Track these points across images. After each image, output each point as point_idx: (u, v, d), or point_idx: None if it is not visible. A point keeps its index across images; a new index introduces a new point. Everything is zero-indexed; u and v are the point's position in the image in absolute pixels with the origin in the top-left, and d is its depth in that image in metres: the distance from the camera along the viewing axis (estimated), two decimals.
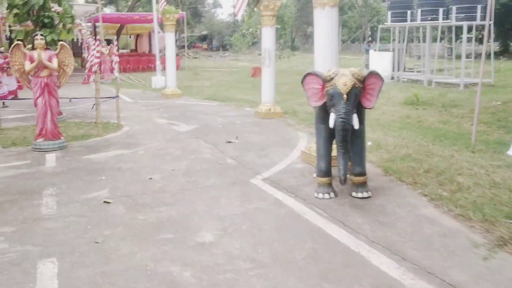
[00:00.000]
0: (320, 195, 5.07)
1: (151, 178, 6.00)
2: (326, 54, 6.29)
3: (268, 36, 10.56)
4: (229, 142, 8.12)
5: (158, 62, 18.85)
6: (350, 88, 4.66)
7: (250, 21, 21.19)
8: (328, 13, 6.26)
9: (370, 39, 45.95)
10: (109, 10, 41.06)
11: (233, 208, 4.86)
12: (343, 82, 4.65)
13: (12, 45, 7.54)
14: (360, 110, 4.96)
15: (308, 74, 5.15)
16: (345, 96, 4.65)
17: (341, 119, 4.68)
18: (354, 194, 5.07)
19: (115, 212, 4.81)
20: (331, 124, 4.79)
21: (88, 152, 7.46)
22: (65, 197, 5.30)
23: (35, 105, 7.60)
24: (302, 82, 5.20)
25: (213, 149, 7.66)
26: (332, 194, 5.08)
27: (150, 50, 33.44)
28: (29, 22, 8.99)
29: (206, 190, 5.52)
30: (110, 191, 5.51)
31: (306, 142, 8.02)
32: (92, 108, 9.08)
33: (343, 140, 4.74)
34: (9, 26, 13.74)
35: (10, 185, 5.77)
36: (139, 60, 26.68)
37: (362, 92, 4.87)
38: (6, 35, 18.82)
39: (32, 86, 7.58)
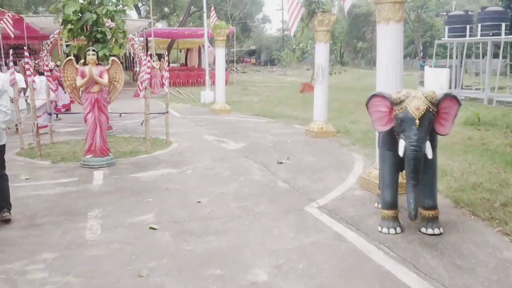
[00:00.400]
0: (385, 230, 4.55)
1: (199, 202, 5.67)
2: (390, 74, 5.79)
3: (321, 52, 10.15)
4: (280, 163, 7.71)
5: (207, 77, 18.81)
6: (423, 112, 4.15)
7: (301, 36, 20.82)
8: (393, 28, 5.78)
9: (422, 54, 44.58)
10: (160, 25, 41.95)
11: (287, 241, 4.43)
12: (416, 105, 4.15)
13: (65, 60, 7.51)
14: (433, 136, 4.42)
15: (374, 95, 4.67)
16: (417, 121, 4.15)
17: (412, 147, 4.17)
18: (423, 230, 4.52)
19: (161, 240, 4.49)
20: (401, 152, 4.29)
21: (135, 170, 7.26)
22: (110, 220, 5.05)
23: (85, 120, 7.51)
24: (366, 104, 4.72)
25: (264, 170, 7.28)
26: (398, 229, 4.55)
27: (199, 64, 33.88)
28: (83, 37, 9.01)
29: (257, 218, 5.12)
30: (156, 215, 5.21)
31: (363, 165, 7.50)
32: (141, 124, 8.93)
33: (414, 170, 4.22)
34: (66, 41, 14.04)
35: (56, 204, 5.60)
36: (189, 75, 26.89)
37: (435, 116, 4.34)
38: (63, 50, 19.40)
39: (83, 101, 7.51)
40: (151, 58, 21.76)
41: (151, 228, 4.77)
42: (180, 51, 41.00)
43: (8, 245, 4.37)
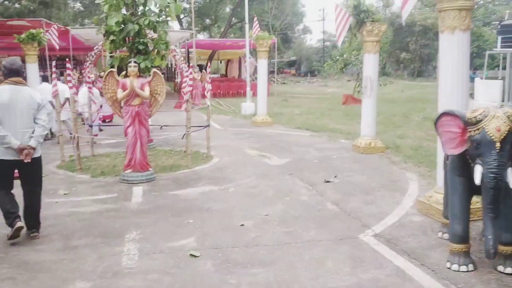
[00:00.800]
0: (455, 267, 3.99)
1: (242, 225, 5.26)
2: (455, 88, 5.23)
3: (370, 63, 9.61)
4: (328, 181, 7.22)
5: (248, 88, 18.53)
6: (505, 134, 3.59)
7: (349, 47, 20.21)
8: (459, 38, 5.23)
9: (472, 65, 42.93)
10: (201, 36, 42.27)
11: (343, 277, 3.94)
12: (496, 126, 3.59)
13: (106, 72, 7.32)
14: None
15: (444, 114, 4.12)
16: (498, 144, 3.59)
17: (492, 175, 3.61)
18: (501, 268, 3.92)
19: (203, 270, 4.09)
20: (477, 179, 3.73)
21: (176, 186, 6.95)
22: (148, 244, 4.71)
23: (125, 134, 7.28)
24: (435, 123, 4.19)
25: (310, 189, 6.81)
26: (470, 266, 3.98)
27: (239, 75, 33.75)
28: (125, 48, 8.85)
29: (307, 246, 4.65)
30: (197, 239, 4.84)
31: (418, 186, 6.91)
32: (182, 138, 8.66)
33: (493, 201, 3.66)
34: (110, 52, 14.06)
35: (93, 224, 5.33)
36: (229, 86, 26.76)
37: None
38: (107, 61, 19.60)
39: (123, 114, 7.28)
40: (192, 69, 21.81)
41: (192, 255, 4.39)
42: (220, 62, 41.12)
43: (41, 271, 4.09)
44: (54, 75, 8.52)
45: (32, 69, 12.91)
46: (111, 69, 7.23)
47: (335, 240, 4.82)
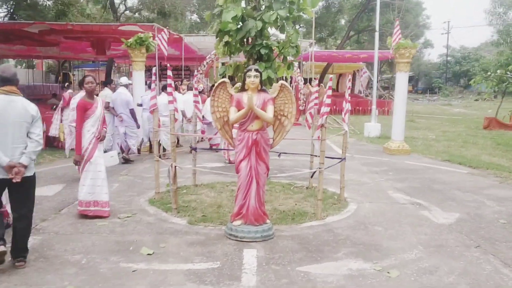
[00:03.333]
0: None
1: None
2: None
3: None
4: None
5: (374, 107, 15.87)
6: None
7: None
8: None
9: None
10: (315, 48, 40.14)
11: None
12: None
13: (215, 84, 5.31)
14: None
15: None
16: None
17: None
18: None
19: None
20: None
21: (305, 255, 4.66)
22: None
23: (237, 170, 5.19)
24: None
25: None
26: None
27: (352, 90, 31.20)
28: (241, 54, 6.88)
29: None
30: None
31: None
32: (312, 177, 6.44)
33: None
34: (223, 64, 12.38)
35: None
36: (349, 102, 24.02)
37: None
38: (218, 71, 18.19)
39: (236, 143, 5.21)
40: (309, 83, 19.66)
41: None
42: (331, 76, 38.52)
43: None
44: (153, 85, 6.79)
45: (139, 76, 11.66)
46: (223, 80, 5.22)
47: None
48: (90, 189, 5.68)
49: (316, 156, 7.39)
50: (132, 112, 9.66)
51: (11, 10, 23.62)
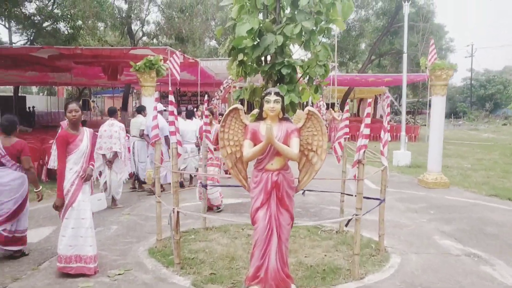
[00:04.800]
0: None
1: None
2: None
3: None
4: None
5: (403, 133, 14.64)
6: None
7: None
8: None
9: None
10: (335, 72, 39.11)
11: None
12: None
13: (227, 111, 4.25)
14: None
15: None
16: None
17: None
18: None
19: None
20: None
21: None
22: None
23: (253, 221, 4.07)
24: None
25: None
26: None
27: (374, 115, 30.12)
28: (258, 76, 5.84)
29: None
30: None
31: None
32: (346, 226, 5.30)
33: None
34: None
35: None
36: (373, 128, 22.78)
37: None
38: (232, 96, 17.28)
39: (252, 185, 4.11)
40: (332, 108, 18.59)
41: None
42: (351, 101, 37.67)
43: None
44: (155, 112, 5.79)
45: (148, 103, 10.73)
46: (235, 106, 4.15)
47: None
48: (71, 241, 4.62)
49: (347, 194, 6.27)
50: (167, 140, 8.98)
51: (31, 38, 23.44)
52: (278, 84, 5.24)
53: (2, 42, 26.23)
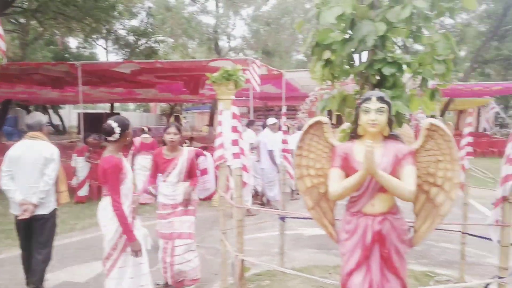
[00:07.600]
0: None
1: None
2: None
3: None
4: None
5: None
6: None
7: None
8: None
9: None
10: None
11: None
12: None
13: (305, 126, 2.97)
14: None
15: None
16: None
17: None
18: None
19: None
20: None
21: None
22: None
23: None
24: None
25: None
26: None
27: (477, 129, 27.38)
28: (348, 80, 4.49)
29: None
30: None
31: None
32: (487, 287, 3.77)
33: None
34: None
35: None
36: (477, 143, 20.09)
37: None
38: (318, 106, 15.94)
39: (342, 236, 2.78)
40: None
41: None
42: (449, 113, 34.78)
43: None
44: (219, 127, 4.69)
45: (227, 117, 9.80)
46: (317, 119, 2.88)
47: None
48: None
49: (477, 237, 4.69)
50: (271, 155, 8.78)
51: (126, 58, 24.23)
52: (378, 88, 3.86)
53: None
